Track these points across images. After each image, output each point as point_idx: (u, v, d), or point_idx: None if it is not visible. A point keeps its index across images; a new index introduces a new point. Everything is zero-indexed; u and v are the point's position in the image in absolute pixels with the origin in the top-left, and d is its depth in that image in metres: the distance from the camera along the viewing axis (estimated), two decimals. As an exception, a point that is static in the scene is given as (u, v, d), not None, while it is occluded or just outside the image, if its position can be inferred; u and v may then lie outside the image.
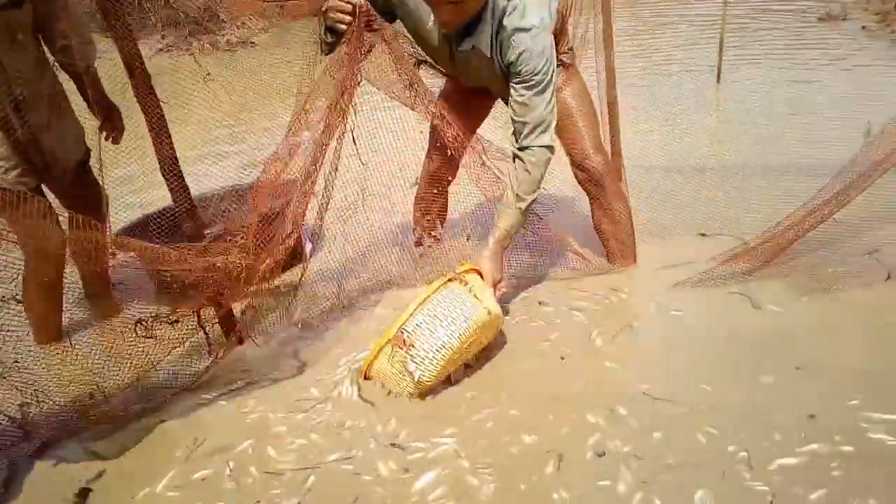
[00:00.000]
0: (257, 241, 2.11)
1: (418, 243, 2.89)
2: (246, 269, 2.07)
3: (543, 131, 2.23)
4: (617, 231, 2.71)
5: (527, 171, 2.26)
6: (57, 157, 2.45)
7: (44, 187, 2.47)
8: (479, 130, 2.72)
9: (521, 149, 2.26)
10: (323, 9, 2.10)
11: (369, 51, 2.17)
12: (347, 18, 2.07)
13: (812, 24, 6.68)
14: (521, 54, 2.14)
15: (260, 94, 4.77)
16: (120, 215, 3.10)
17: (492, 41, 2.19)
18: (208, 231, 2.66)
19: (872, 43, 5.93)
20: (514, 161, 2.29)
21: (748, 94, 4.92)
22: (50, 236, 2.09)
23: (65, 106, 2.51)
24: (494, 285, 2.29)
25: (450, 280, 2.16)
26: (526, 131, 2.23)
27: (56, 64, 2.45)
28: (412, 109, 2.48)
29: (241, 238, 2.12)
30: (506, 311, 2.45)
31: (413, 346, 2.03)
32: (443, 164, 2.71)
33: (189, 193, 2.48)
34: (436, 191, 2.80)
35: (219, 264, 2.01)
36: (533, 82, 2.17)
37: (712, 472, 1.68)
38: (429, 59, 2.56)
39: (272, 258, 2.21)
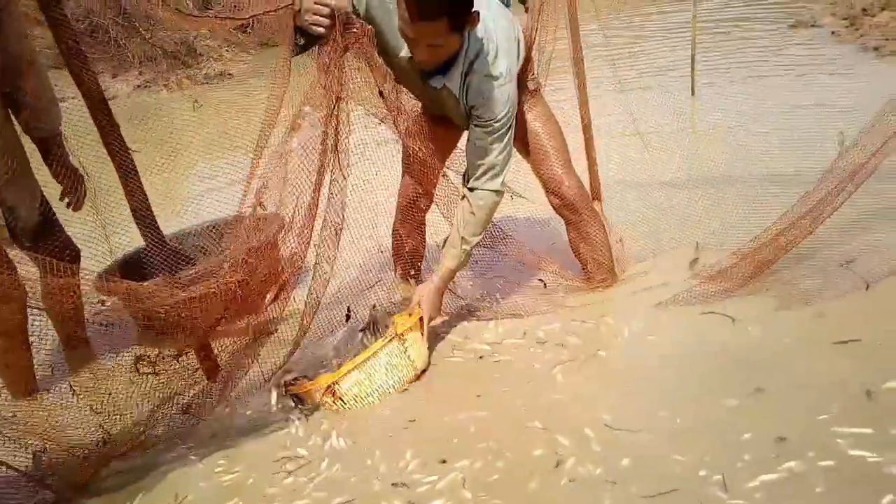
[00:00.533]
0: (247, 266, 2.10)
1: (404, 277, 2.85)
2: (241, 287, 2.05)
3: (494, 176, 2.28)
4: (594, 253, 2.71)
5: (472, 212, 2.31)
6: (17, 215, 2.39)
7: None
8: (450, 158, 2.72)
9: (471, 189, 2.31)
10: (297, 8, 2.07)
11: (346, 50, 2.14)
12: (325, 21, 2.05)
13: (783, 32, 6.76)
14: (485, 100, 2.19)
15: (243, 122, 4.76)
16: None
17: (461, 80, 2.22)
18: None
19: (842, 48, 6.01)
20: (462, 200, 2.34)
21: (722, 106, 4.96)
22: (6, 283, 2.04)
23: (25, 166, 2.43)
24: (429, 321, 2.37)
25: (390, 340, 2.22)
26: (478, 173, 2.28)
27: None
28: (382, 122, 2.48)
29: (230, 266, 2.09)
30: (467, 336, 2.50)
31: (342, 398, 2.18)
32: (417, 190, 2.71)
33: (163, 238, 2.43)
34: (412, 221, 2.80)
35: (212, 289, 1.98)
36: (492, 128, 2.22)
37: (689, 500, 1.65)
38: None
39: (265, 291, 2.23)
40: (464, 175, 2.37)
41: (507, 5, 2.42)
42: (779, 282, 2.47)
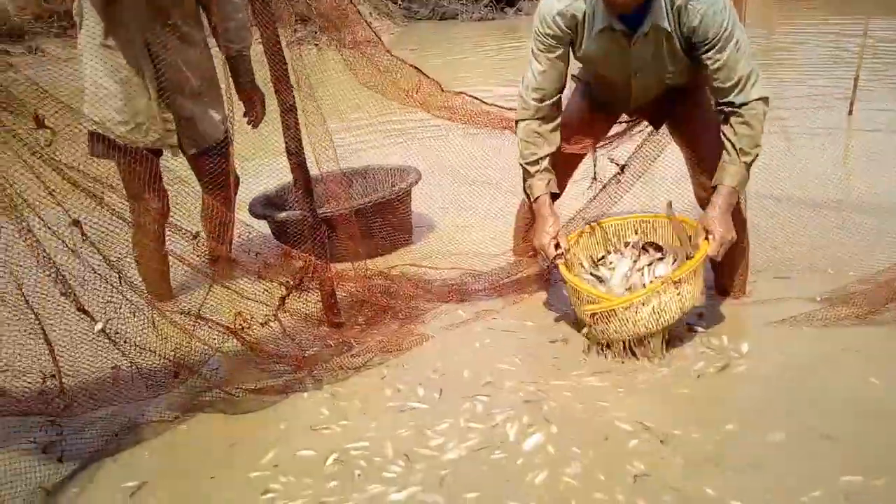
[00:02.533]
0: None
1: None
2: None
3: (755, 83, 2.16)
4: (733, 264, 2.56)
5: (746, 123, 2.17)
6: (201, 131, 2.64)
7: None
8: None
9: (740, 105, 2.17)
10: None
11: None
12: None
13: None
14: (702, 18, 2.10)
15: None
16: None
17: (668, 12, 2.13)
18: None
19: None
20: (727, 122, 2.21)
21: (881, 130, 4.66)
22: (156, 192, 2.27)
23: (215, 85, 2.69)
24: (727, 243, 2.24)
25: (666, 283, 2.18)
26: (737, 89, 2.16)
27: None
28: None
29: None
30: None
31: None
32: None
33: (309, 179, 2.48)
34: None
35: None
36: (722, 41, 2.11)
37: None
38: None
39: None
40: (715, 103, 2.26)
41: None
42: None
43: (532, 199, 2.44)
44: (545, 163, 2.39)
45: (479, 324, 2.57)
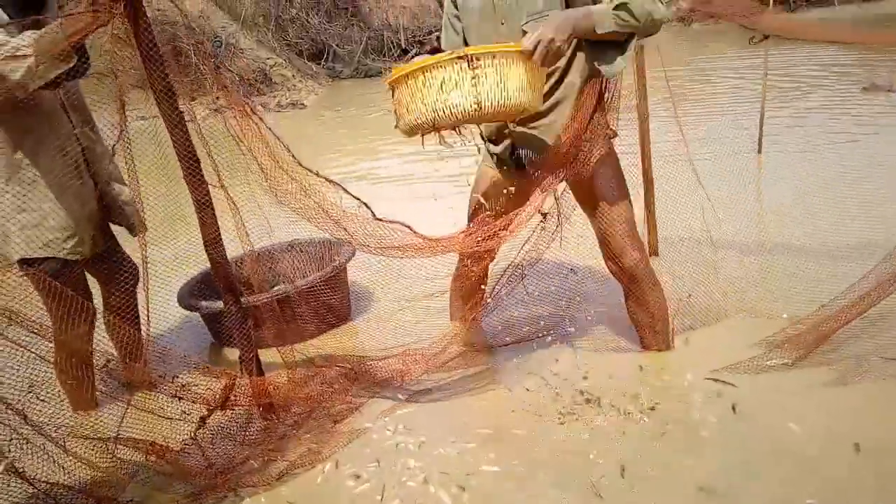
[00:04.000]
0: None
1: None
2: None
3: None
4: (653, 322, 2.60)
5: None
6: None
7: None
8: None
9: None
10: None
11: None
12: None
13: (854, 94, 6.63)
14: None
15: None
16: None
17: None
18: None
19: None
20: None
21: (789, 167, 4.86)
22: (84, 310, 2.14)
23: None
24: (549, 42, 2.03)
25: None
26: None
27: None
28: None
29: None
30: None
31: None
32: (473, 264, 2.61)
33: (230, 274, 2.33)
34: (475, 270, 2.66)
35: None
36: None
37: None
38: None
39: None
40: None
41: None
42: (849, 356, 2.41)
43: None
44: None
45: (418, 407, 2.49)
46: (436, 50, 2.29)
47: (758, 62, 5.79)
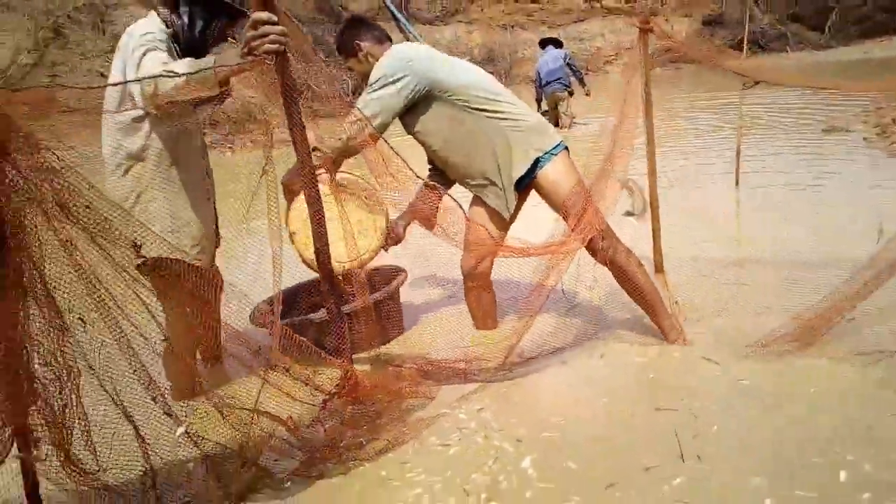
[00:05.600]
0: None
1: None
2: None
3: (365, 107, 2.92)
4: (649, 299, 3.11)
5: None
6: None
7: None
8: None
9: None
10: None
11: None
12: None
13: (817, 136, 7.36)
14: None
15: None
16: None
17: None
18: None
19: (872, 153, 6.57)
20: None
21: (764, 200, 5.49)
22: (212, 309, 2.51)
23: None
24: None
25: None
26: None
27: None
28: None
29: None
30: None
31: None
32: (478, 260, 3.25)
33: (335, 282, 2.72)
34: (480, 282, 3.34)
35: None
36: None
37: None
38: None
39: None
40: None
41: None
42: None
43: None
44: None
45: (486, 393, 2.88)
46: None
47: (731, 106, 6.50)
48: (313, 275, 3.17)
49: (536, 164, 3.10)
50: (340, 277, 2.94)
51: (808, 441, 2.30)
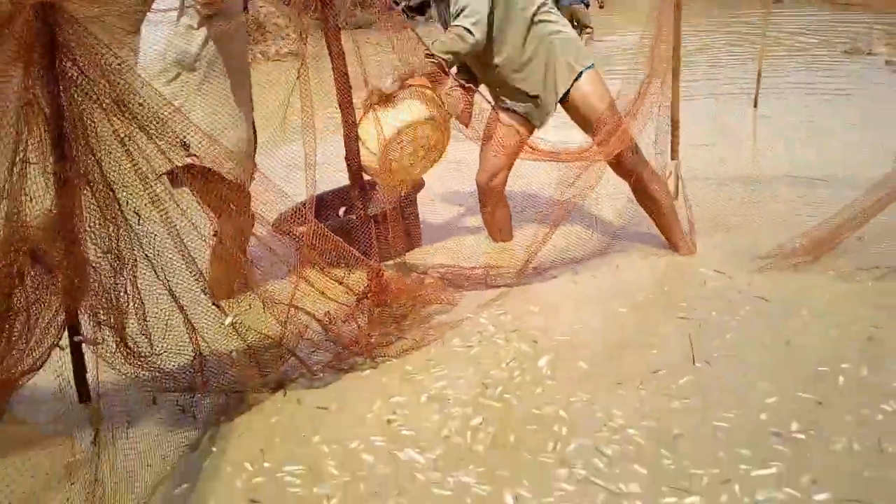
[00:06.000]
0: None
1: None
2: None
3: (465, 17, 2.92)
4: (662, 210, 3.21)
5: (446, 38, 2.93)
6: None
7: None
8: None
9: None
10: None
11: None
12: None
13: (838, 57, 7.25)
14: None
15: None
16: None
17: None
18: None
19: (893, 76, 6.51)
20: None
21: (782, 121, 5.48)
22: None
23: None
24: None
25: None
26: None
27: None
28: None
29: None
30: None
31: None
32: (494, 175, 3.29)
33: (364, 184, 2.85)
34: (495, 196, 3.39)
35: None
36: None
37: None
38: None
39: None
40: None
41: None
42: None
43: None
44: None
45: (505, 299, 3.02)
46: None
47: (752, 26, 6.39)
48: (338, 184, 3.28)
49: (578, 78, 3.12)
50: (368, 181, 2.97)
51: (813, 348, 2.45)
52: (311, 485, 1.94)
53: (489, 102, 3.13)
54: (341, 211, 3.27)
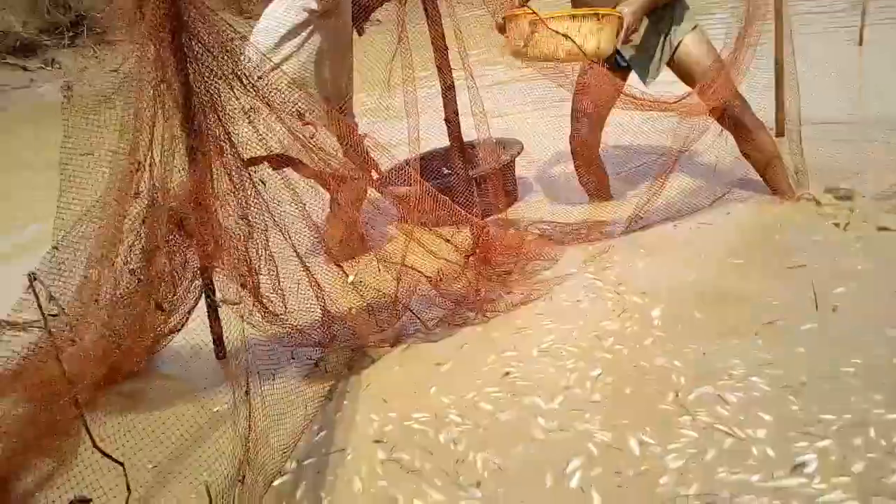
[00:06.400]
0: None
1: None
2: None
3: None
4: (766, 158, 3.14)
5: None
6: None
7: None
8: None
9: None
10: None
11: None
12: None
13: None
14: None
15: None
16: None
17: None
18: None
19: None
20: None
21: (887, 59, 5.14)
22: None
23: None
24: (628, 28, 2.74)
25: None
26: None
27: None
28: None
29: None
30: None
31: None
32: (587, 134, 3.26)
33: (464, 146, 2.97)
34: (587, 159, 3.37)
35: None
36: None
37: None
38: None
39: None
40: None
41: None
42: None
43: None
44: None
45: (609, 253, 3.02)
46: None
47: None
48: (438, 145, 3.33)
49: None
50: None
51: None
52: (437, 431, 2.03)
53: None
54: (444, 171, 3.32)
